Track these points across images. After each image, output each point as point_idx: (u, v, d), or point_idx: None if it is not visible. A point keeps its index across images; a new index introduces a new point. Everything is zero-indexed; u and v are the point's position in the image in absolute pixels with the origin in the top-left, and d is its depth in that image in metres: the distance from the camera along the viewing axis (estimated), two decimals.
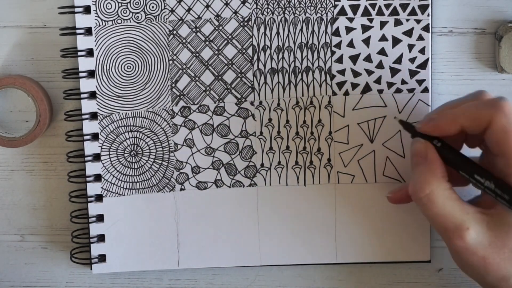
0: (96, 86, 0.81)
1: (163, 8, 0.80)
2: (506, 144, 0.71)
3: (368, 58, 0.81)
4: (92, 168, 0.82)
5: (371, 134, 0.82)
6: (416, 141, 0.75)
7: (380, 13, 0.80)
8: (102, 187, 0.82)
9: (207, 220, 0.83)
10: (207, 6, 0.80)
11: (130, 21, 0.81)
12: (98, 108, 0.81)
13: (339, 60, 0.81)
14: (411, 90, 0.81)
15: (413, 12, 0.80)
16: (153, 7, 0.80)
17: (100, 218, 0.82)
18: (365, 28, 0.81)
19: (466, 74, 0.82)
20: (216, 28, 0.81)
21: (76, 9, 0.80)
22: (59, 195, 0.84)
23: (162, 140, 0.82)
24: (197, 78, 0.81)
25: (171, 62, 0.81)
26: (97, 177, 0.82)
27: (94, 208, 0.82)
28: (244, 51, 0.81)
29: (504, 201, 0.71)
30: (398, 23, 0.80)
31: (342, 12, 0.80)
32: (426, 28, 0.80)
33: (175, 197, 0.82)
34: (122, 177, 0.82)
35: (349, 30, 0.81)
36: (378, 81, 0.81)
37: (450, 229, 0.72)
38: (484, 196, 0.75)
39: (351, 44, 0.81)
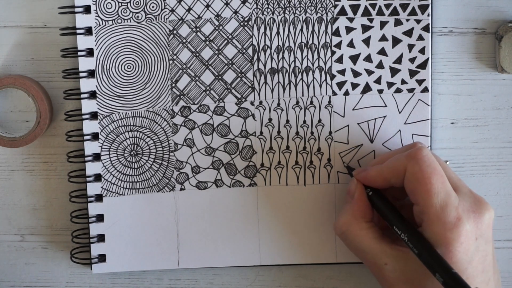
0: (96, 86, 0.81)
1: (163, 8, 0.80)
2: (418, 191, 0.72)
3: (368, 58, 0.81)
4: (92, 168, 0.82)
5: (371, 134, 0.82)
6: (351, 181, 0.78)
7: (380, 13, 0.80)
8: (102, 187, 0.82)
9: (207, 220, 0.83)
10: (207, 6, 0.80)
11: (130, 21, 0.81)
12: (98, 108, 0.81)
13: (339, 60, 0.81)
14: (411, 90, 0.81)
15: (413, 12, 0.80)
16: (153, 6, 0.80)
17: (100, 218, 0.82)
18: (365, 28, 0.81)
19: (466, 74, 0.82)
20: (216, 28, 0.81)
21: (76, 9, 0.80)
22: (59, 195, 0.84)
23: (162, 140, 0.82)
24: (197, 78, 0.81)
25: (171, 62, 0.81)
26: (97, 177, 0.82)
27: (94, 208, 0.82)
28: (244, 51, 0.81)
29: (415, 254, 0.72)
30: (398, 23, 0.80)
31: (342, 12, 0.80)
32: (426, 28, 0.80)
33: (175, 197, 0.82)
34: (122, 177, 0.82)
35: (349, 30, 0.81)
36: (378, 81, 0.81)
37: (370, 262, 0.75)
38: None
39: (351, 44, 0.81)
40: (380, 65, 0.81)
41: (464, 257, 0.71)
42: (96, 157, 0.82)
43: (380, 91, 0.81)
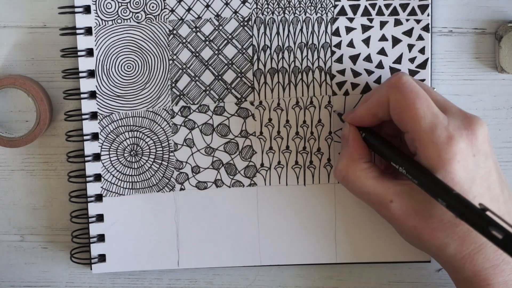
0: (96, 86, 0.81)
1: (163, 8, 0.81)
2: (404, 118, 0.72)
3: (368, 58, 0.81)
4: (92, 168, 0.82)
5: None
6: (344, 125, 0.78)
7: (380, 13, 0.80)
8: (102, 187, 0.82)
9: (207, 220, 0.83)
10: (207, 6, 0.81)
11: (130, 21, 0.81)
12: (98, 108, 0.81)
13: (339, 60, 0.81)
14: None
15: (413, 12, 0.80)
16: (153, 7, 0.80)
17: (100, 218, 0.82)
18: (365, 28, 0.81)
19: (466, 74, 0.82)
20: (216, 28, 0.81)
21: (76, 9, 0.80)
22: (59, 195, 0.84)
23: (162, 140, 0.82)
24: (197, 78, 0.81)
25: (171, 62, 0.81)
26: (97, 177, 0.82)
27: (94, 208, 0.82)
28: (244, 51, 0.81)
29: (416, 184, 0.71)
30: (398, 23, 0.80)
31: (342, 12, 0.80)
32: (426, 28, 0.80)
33: (175, 197, 0.82)
34: (122, 176, 0.82)
35: (349, 30, 0.81)
36: (378, 81, 0.81)
37: (375, 204, 0.75)
38: None
39: (351, 44, 0.81)
40: (380, 65, 0.81)
41: (466, 175, 0.70)
42: (96, 157, 0.82)
43: None
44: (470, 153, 0.71)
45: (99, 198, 0.82)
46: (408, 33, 0.80)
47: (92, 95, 0.81)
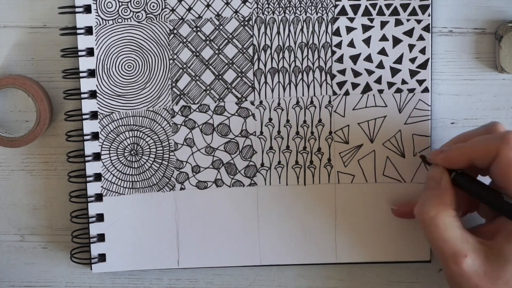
0: (97, 85, 0.81)
1: (163, 7, 0.81)
2: (509, 177, 0.72)
3: (368, 58, 0.81)
4: (92, 168, 0.82)
5: (371, 134, 0.82)
6: (434, 167, 0.76)
7: (380, 13, 0.80)
8: (102, 186, 0.82)
9: (207, 220, 0.83)
10: (208, 6, 0.81)
11: (131, 20, 0.81)
12: (98, 107, 0.81)
13: (340, 60, 0.81)
14: (411, 90, 0.81)
15: (413, 12, 0.80)
16: (153, 6, 0.81)
17: (100, 217, 0.82)
18: (365, 28, 0.81)
19: (466, 74, 0.82)
20: (217, 27, 0.81)
21: (77, 9, 0.80)
22: (59, 195, 0.84)
23: (162, 139, 0.82)
24: (197, 78, 0.81)
25: (171, 61, 0.81)
26: (97, 176, 0.82)
27: (94, 208, 0.82)
28: (244, 50, 0.81)
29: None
30: (398, 23, 0.80)
31: (343, 12, 0.81)
32: (426, 28, 0.80)
33: (175, 197, 0.82)
34: (122, 176, 0.82)
35: (349, 30, 0.81)
36: (378, 81, 0.81)
37: (449, 254, 0.73)
38: (487, 226, 0.76)
39: (351, 44, 0.81)
40: (380, 65, 0.81)
41: None
42: (96, 156, 0.82)
43: (381, 91, 0.81)
44: None
45: (99, 197, 0.82)
46: (409, 33, 0.80)
47: (93, 94, 0.81)
